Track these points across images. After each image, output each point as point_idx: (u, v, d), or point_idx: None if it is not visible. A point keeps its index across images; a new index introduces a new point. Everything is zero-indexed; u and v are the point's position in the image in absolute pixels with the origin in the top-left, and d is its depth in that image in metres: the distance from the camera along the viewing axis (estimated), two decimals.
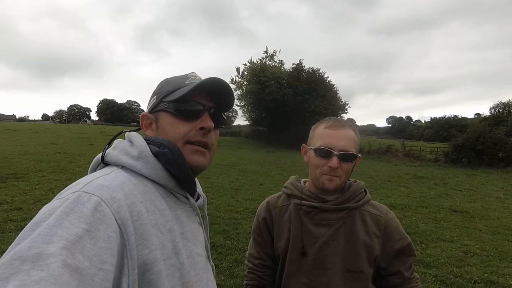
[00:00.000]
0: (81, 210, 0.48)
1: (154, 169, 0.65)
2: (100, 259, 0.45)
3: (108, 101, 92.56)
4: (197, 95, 0.72)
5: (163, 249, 0.58)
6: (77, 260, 0.42)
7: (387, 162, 17.68)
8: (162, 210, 0.63)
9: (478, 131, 17.27)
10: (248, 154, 17.44)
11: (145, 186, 0.63)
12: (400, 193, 8.32)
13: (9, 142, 14.16)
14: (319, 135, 1.07)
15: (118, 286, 0.48)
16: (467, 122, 34.72)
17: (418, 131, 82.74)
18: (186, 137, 0.70)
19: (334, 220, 1.07)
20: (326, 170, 1.03)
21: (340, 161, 1.02)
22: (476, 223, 5.71)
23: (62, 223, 0.45)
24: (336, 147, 1.02)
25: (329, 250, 1.05)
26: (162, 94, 0.74)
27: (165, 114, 0.72)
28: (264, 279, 1.17)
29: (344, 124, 1.07)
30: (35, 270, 0.39)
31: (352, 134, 1.06)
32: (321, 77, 27.52)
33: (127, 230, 0.52)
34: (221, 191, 7.27)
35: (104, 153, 0.67)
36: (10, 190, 6.03)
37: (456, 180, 11.36)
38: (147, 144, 0.68)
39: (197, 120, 0.71)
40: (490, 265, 3.87)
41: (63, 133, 21.54)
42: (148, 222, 0.57)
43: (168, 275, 0.57)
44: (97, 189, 0.53)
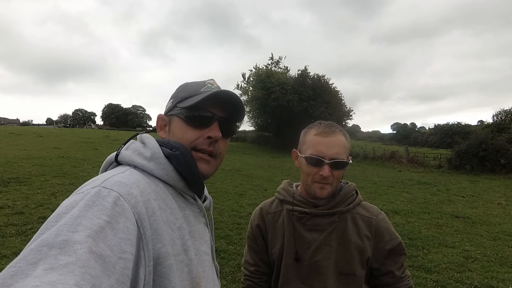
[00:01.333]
0: (102, 203, 0.51)
1: (165, 170, 0.67)
2: (120, 248, 0.48)
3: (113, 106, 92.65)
4: (209, 104, 0.74)
5: (173, 245, 0.60)
6: (101, 248, 0.45)
7: (391, 168, 17.70)
8: (172, 209, 0.65)
9: (481, 138, 17.30)
10: (253, 160, 17.45)
11: (157, 185, 0.65)
12: (403, 198, 8.36)
13: (12, 146, 14.09)
14: (310, 142, 1.06)
15: (136, 276, 0.51)
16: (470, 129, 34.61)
17: (422, 138, 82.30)
18: (193, 144, 0.73)
19: (326, 225, 1.07)
20: (318, 178, 1.02)
21: (331, 169, 1.01)
22: (478, 228, 5.77)
23: (86, 214, 0.48)
24: (327, 155, 1.01)
25: (322, 254, 1.06)
26: (178, 99, 0.77)
27: (177, 119, 0.75)
28: (260, 285, 1.17)
29: (334, 130, 1.05)
30: (62, 255, 0.41)
31: (342, 140, 1.04)
32: (326, 83, 27.54)
33: (143, 224, 0.55)
34: (225, 196, 7.29)
35: (119, 152, 0.69)
36: (12, 194, 5.96)
37: (459, 186, 11.41)
38: (160, 146, 0.70)
39: (206, 128, 0.73)
40: (490, 271, 3.92)
41: (67, 137, 21.42)
42: (161, 219, 0.59)
43: (178, 269, 0.60)
44: (116, 185, 0.56)
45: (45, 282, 0.37)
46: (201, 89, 0.77)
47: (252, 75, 29.07)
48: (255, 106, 28.19)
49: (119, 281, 0.45)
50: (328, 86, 27.63)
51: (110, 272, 0.44)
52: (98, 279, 0.41)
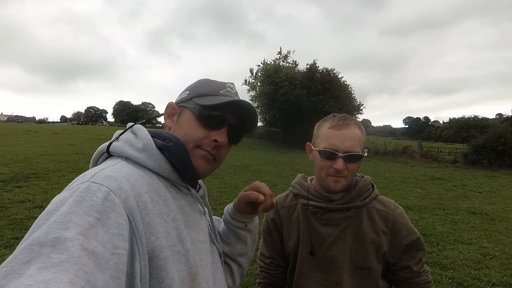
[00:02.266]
0: (91, 199, 0.50)
1: (157, 162, 0.66)
2: (113, 244, 0.48)
3: (124, 103, 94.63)
4: (225, 109, 0.73)
5: (168, 237, 0.60)
6: (93, 245, 0.44)
7: (404, 164, 17.43)
8: (166, 200, 0.65)
9: (499, 132, 16.81)
10: (262, 155, 17.51)
11: (149, 177, 0.64)
12: (416, 194, 8.22)
13: (30, 143, 14.54)
14: (324, 135, 1.05)
15: (132, 270, 0.51)
16: (488, 123, 33.58)
17: (436, 132, 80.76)
18: (199, 142, 0.72)
19: (341, 220, 1.07)
20: (332, 172, 1.02)
21: (345, 162, 1.00)
22: (496, 225, 5.59)
23: (75, 211, 0.47)
24: (341, 148, 1.00)
25: (337, 249, 1.06)
26: (195, 93, 0.76)
27: (189, 113, 0.74)
28: (276, 277, 1.20)
29: (348, 123, 1.04)
30: (54, 253, 0.41)
31: (357, 133, 1.03)
32: (335, 77, 27.35)
33: (135, 219, 0.54)
34: (235, 191, 7.35)
35: (111, 143, 0.68)
36: (32, 189, 6.23)
37: (476, 182, 11.12)
38: (152, 137, 0.70)
39: (215, 131, 0.73)
40: (510, 268, 3.80)
41: (80, 134, 22.00)
42: (153, 212, 0.59)
43: (175, 260, 0.60)
44: (105, 179, 0.55)
45: (38, 281, 0.37)
46: (221, 90, 0.76)
47: (260, 70, 29.15)
48: (263, 102, 28.28)
49: (114, 276, 0.45)
50: (338, 80, 27.43)
51: (104, 268, 0.44)
52: (93, 275, 0.41)
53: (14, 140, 15.50)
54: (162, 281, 0.56)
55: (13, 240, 3.83)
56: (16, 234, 4.00)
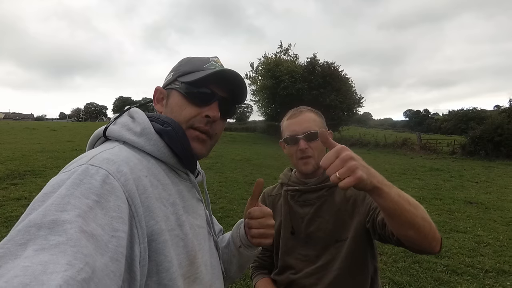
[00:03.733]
0: (90, 182, 0.49)
1: (156, 146, 0.65)
2: (112, 227, 0.47)
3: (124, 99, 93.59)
4: (211, 82, 0.71)
5: (167, 221, 0.59)
6: (92, 228, 0.44)
7: (403, 155, 17.55)
8: (165, 185, 0.64)
9: (496, 123, 16.98)
10: (263, 149, 17.51)
11: (148, 161, 0.63)
12: (415, 185, 8.36)
13: (27, 140, 14.15)
14: (285, 127, 1.17)
15: (131, 253, 0.50)
16: (486, 114, 33.64)
17: (435, 124, 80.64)
18: (191, 121, 0.70)
19: (315, 199, 1.16)
20: (299, 154, 1.11)
21: (307, 142, 1.10)
22: (491, 214, 5.73)
23: (74, 193, 0.46)
24: (300, 131, 1.11)
25: (314, 226, 1.15)
26: (179, 72, 0.74)
27: (176, 94, 0.72)
28: (264, 260, 1.31)
29: (302, 110, 1.16)
30: (52, 235, 0.40)
31: (311, 116, 1.14)
32: (336, 70, 27.27)
33: (134, 202, 0.53)
34: (235, 185, 7.38)
35: (107, 126, 0.67)
36: (28, 186, 6.11)
37: (473, 172, 11.26)
38: (150, 121, 0.68)
39: (206, 107, 0.71)
40: (502, 255, 3.91)
41: (80, 131, 21.46)
42: (153, 196, 0.58)
43: (173, 244, 0.59)
44: (104, 162, 0.54)
45: (35, 262, 0.36)
46: (205, 65, 0.74)
47: (261, 64, 28.95)
48: (264, 96, 28.15)
49: (113, 258, 0.45)
50: (338, 73, 27.35)
51: (103, 250, 0.44)
52: (91, 258, 0.41)
53: (11, 137, 15.11)
54: (160, 264, 0.56)
55: None
56: None
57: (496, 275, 3.42)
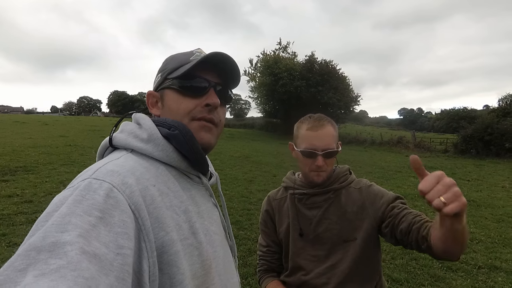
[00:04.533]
0: (93, 197, 0.47)
1: (165, 152, 0.63)
2: (117, 244, 0.45)
3: (119, 93, 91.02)
4: (202, 71, 0.69)
5: (179, 230, 0.57)
6: (94, 247, 0.42)
7: (398, 153, 17.78)
8: (176, 192, 0.62)
9: (486, 122, 17.36)
10: (261, 146, 17.52)
11: (157, 168, 0.61)
12: (410, 183, 8.44)
13: (17, 134, 13.61)
14: (303, 137, 1.16)
15: (139, 269, 0.48)
16: (476, 114, 34.28)
17: (429, 123, 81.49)
18: (192, 113, 0.68)
19: (322, 202, 1.19)
20: (314, 168, 1.14)
21: (324, 158, 1.12)
22: (482, 211, 5.88)
23: (75, 211, 0.44)
24: (319, 147, 1.12)
25: (322, 228, 1.17)
26: (167, 71, 0.72)
27: (170, 91, 0.70)
28: (272, 262, 1.32)
29: (323, 123, 1.15)
30: (52, 259, 0.38)
31: (331, 131, 1.15)
32: (333, 69, 27.41)
33: (141, 215, 0.51)
34: (235, 182, 7.31)
35: (111, 136, 0.65)
36: (20, 183, 5.86)
37: (464, 170, 11.57)
38: (156, 126, 0.66)
39: (203, 97, 0.69)
40: (494, 251, 4.04)
41: (73, 125, 20.86)
42: (163, 205, 0.56)
43: (187, 254, 0.57)
44: (108, 175, 0.52)
45: None
46: (190, 57, 0.72)
47: (260, 61, 28.89)
48: (263, 93, 28.16)
49: (119, 278, 0.43)
50: (336, 71, 27.52)
51: (107, 270, 0.42)
52: (94, 281, 0.39)
53: (0, 131, 14.49)
54: (174, 277, 0.54)
55: (0, 236, 3.64)
56: (3, 231, 3.76)
57: (489, 271, 3.54)
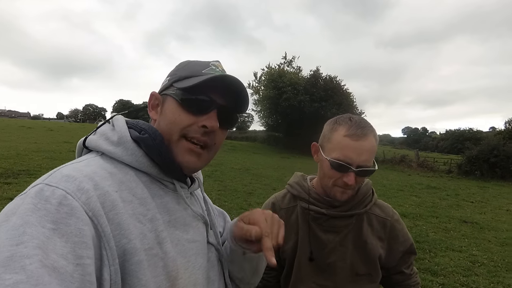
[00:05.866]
0: (45, 207, 0.44)
1: (134, 156, 0.60)
2: (75, 255, 0.43)
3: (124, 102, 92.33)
4: (210, 88, 0.64)
5: (143, 239, 0.54)
6: (52, 260, 0.40)
7: (401, 172, 17.64)
8: (143, 199, 0.58)
9: (493, 144, 17.26)
10: (263, 159, 17.45)
11: (125, 174, 0.58)
12: (411, 202, 8.39)
13: (22, 139, 13.83)
14: (337, 143, 0.95)
15: (100, 278, 0.46)
16: (482, 135, 34.08)
17: (433, 143, 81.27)
18: (185, 130, 0.63)
19: (343, 227, 1.04)
20: (340, 183, 0.96)
21: (357, 176, 0.94)
22: (486, 234, 5.82)
23: (29, 221, 0.42)
24: (355, 162, 0.92)
25: (337, 256, 1.03)
26: (175, 77, 0.67)
27: (171, 100, 0.66)
28: (268, 280, 1.13)
29: (366, 132, 0.94)
30: (7, 274, 0.36)
31: (373, 144, 0.96)
32: (338, 84, 27.38)
33: (100, 221, 0.49)
34: (234, 194, 7.30)
35: (88, 136, 0.63)
36: (22, 186, 5.82)
37: (468, 192, 11.40)
38: (129, 128, 0.63)
39: (203, 116, 0.64)
40: (496, 275, 3.96)
41: (77, 132, 20.88)
42: (125, 212, 0.53)
43: (150, 265, 0.54)
44: (62, 180, 0.49)
45: None
46: (204, 70, 0.67)
47: (264, 74, 29.08)
48: (266, 106, 28.18)
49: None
50: (340, 87, 27.48)
51: (68, 283, 0.40)
52: None
53: (6, 135, 14.70)
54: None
55: None
56: None
57: None
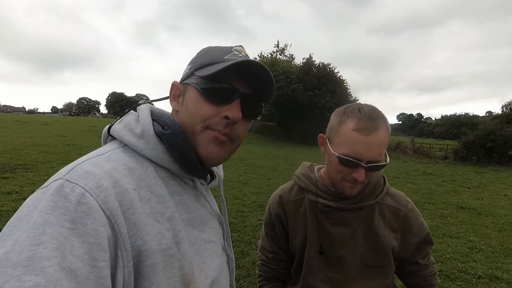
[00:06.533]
0: (64, 205, 0.44)
1: (155, 151, 0.58)
2: (91, 256, 0.42)
3: (117, 94, 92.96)
4: (233, 76, 0.61)
5: (161, 239, 0.53)
6: (70, 262, 0.40)
7: (396, 159, 17.70)
8: (161, 197, 0.57)
9: (489, 129, 17.26)
10: (257, 149, 17.50)
11: (145, 169, 0.57)
12: (408, 189, 8.36)
13: (18, 133, 13.83)
14: (346, 137, 0.89)
15: (113, 279, 0.45)
16: (478, 120, 34.28)
17: (428, 129, 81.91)
18: (208, 122, 0.61)
19: (353, 220, 1.01)
20: (349, 179, 0.92)
21: (367, 171, 0.90)
22: (483, 219, 5.81)
23: (49, 219, 0.41)
24: (365, 157, 0.87)
25: (347, 248, 1.01)
26: (196, 65, 0.64)
27: (192, 90, 0.63)
28: (278, 271, 1.15)
29: (377, 125, 0.87)
30: (28, 275, 0.36)
31: (385, 138, 0.89)
32: (331, 72, 27.35)
33: (117, 221, 0.47)
34: (229, 184, 7.32)
35: (113, 124, 0.62)
36: (19, 180, 6.01)
37: (465, 178, 11.40)
38: (153, 120, 0.62)
39: (225, 105, 0.61)
40: (495, 261, 3.97)
41: (72, 125, 21.22)
42: (142, 211, 0.52)
43: (166, 266, 0.53)
44: (82, 177, 0.48)
45: None
46: (226, 56, 0.63)
47: None
48: None
49: None
50: (334, 75, 27.46)
51: (84, 285, 0.40)
52: None
53: (2, 130, 14.66)
54: None
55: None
56: (2, 227, 3.85)
57: (489, 281, 3.44)
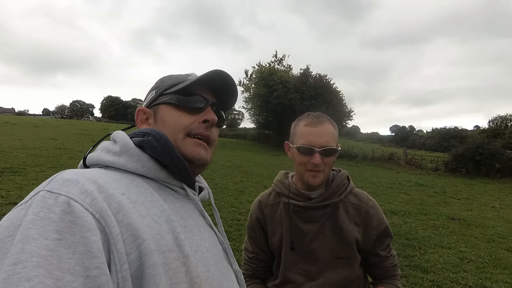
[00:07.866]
0: (48, 216, 0.41)
1: (140, 162, 0.58)
2: (83, 267, 0.40)
3: (113, 98, 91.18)
4: (200, 89, 0.69)
5: (160, 240, 0.50)
6: (56, 277, 0.37)
7: (389, 170, 17.89)
8: (154, 201, 0.55)
9: (477, 142, 17.72)
10: (253, 157, 17.44)
11: (131, 181, 0.55)
12: (401, 199, 8.50)
13: (7, 135, 13.24)
14: (300, 133, 1.10)
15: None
16: (467, 134, 35.06)
17: (420, 141, 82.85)
18: (188, 129, 0.65)
19: (319, 217, 1.14)
20: (310, 166, 1.07)
21: (322, 156, 1.06)
22: (473, 230, 5.94)
23: (28, 235, 0.39)
24: (317, 143, 1.06)
25: (317, 243, 1.14)
26: (164, 86, 0.69)
27: (166, 107, 0.67)
28: (257, 270, 1.28)
29: (322, 120, 1.10)
30: None
31: (331, 129, 1.10)
32: (327, 83, 27.60)
33: (107, 222, 0.45)
34: (225, 192, 7.26)
35: (86, 155, 0.60)
36: (6, 184, 5.71)
37: (455, 189, 11.65)
38: (131, 138, 0.62)
39: (200, 113, 0.67)
40: (484, 272, 4.04)
41: (64, 128, 20.67)
42: (135, 212, 0.49)
43: (170, 269, 0.49)
44: (64, 185, 0.46)
45: None
46: (187, 77, 0.70)
47: (255, 72, 29.09)
48: (257, 104, 28.18)
49: None
50: (330, 86, 27.70)
51: None
52: None
53: None
54: None
55: None
56: None
57: None
